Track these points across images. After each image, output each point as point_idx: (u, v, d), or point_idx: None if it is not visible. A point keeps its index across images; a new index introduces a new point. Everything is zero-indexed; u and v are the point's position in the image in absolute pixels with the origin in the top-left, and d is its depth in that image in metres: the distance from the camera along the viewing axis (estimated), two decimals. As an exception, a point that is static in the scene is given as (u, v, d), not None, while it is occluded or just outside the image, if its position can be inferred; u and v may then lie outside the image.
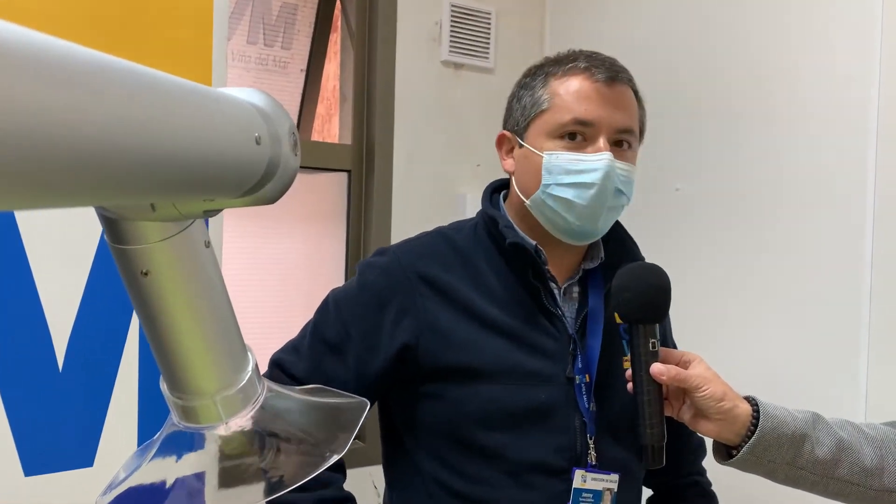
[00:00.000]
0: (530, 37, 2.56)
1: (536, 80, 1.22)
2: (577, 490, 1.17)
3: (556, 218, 1.19)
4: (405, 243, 1.29)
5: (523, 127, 1.22)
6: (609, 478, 1.19)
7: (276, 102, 0.49)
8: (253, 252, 2.19)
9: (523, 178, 1.22)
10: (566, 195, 1.17)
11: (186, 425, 0.60)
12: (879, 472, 1.02)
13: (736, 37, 2.01)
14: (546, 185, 1.17)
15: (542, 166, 1.18)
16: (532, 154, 1.20)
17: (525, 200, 1.21)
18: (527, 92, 1.22)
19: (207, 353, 0.57)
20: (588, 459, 1.18)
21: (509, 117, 1.26)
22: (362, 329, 1.19)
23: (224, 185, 0.43)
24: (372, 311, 1.20)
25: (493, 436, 1.17)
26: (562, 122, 1.17)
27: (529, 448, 1.17)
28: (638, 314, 1.05)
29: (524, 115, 1.21)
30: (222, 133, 0.40)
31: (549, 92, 1.19)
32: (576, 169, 1.16)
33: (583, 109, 1.17)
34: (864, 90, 1.75)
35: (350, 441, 0.65)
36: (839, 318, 1.77)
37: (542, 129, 1.20)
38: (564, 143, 1.18)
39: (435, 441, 1.21)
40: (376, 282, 1.22)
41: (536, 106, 1.20)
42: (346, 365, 1.19)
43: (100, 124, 0.34)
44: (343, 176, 2.31)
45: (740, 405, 1.02)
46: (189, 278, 0.53)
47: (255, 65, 2.35)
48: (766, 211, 1.93)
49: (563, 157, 1.17)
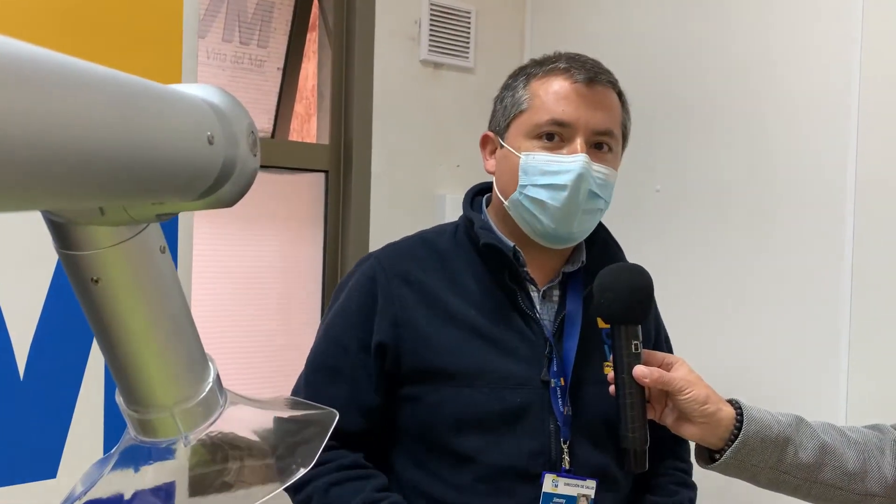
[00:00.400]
0: (510, 37, 2.54)
1: (518, 80, 1.22)
2: (546, 495, 1.15)
3: (532, 220, 1.18)
4: (386, 247, 1.30)
5: (504, 127, 1.22)
6: (585, 484, 1.17)
7: (233, 100, 0.46)
8: (226, 255, 2.15)
9: (502, 178, 1.22)
10: (540, 196, 1.16)
11: (143, 440, 0.57)
12: (862, 475, 1.02)
13: (717, 38, 2.01)
14: (522, 185, 1.17)
15: (518, 167, 1.17)
16: (510, 154, 1.20)
17: (504, 201, 1.20)
18: (508, 93, 1.22)
19: (164, 365, 0.54)
20: (562, 464, 1.17)
21: (492, 118, 1.26)
22: (357, 336, 1.20)
23: (174, 187, 0.41)
24: (364, 318, 1.20)
25: (467, 440, 1.16)
26: (539, 122, 1.17)
27: (503, 452, 1.15)
28: (620, 315, 1.04)
29: (505, 115, 1.22)
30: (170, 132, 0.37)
31: (529, 92, 1.19)
32: (550, 170, 1.15)
33: (560, 110, 1.16)
34: (843, 91, 1.75)
35: (318, 453, 0.62)
36: (820, 319, 1.77)
37: (520, 129, 1.19)
38: (542, 143, 1.17)
39: (411, 445, 1.20)
40: (361, 290, 1.22)
41: (516, 106, 1.20)
42: (349, 381, 1.19)
43: (34, 124, 0.31)
44: (320, 177, 2.28)
45: (724, 408, 1.01)
46: (143, 286, 0.50)
47: (230, 63, 2.31)
48: (745, 212, 1.93)
49: (539, 157, 1.16)
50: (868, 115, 1.72)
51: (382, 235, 2.24)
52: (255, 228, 2.20)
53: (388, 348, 1.18)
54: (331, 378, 1.21)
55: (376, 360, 1.18)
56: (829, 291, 1.75)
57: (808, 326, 1.79)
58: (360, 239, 2.25)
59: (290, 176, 2.27)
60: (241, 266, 2.19)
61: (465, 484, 1.16)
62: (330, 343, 1.23)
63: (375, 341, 1.18)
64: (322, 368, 1.22)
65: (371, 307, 1.20)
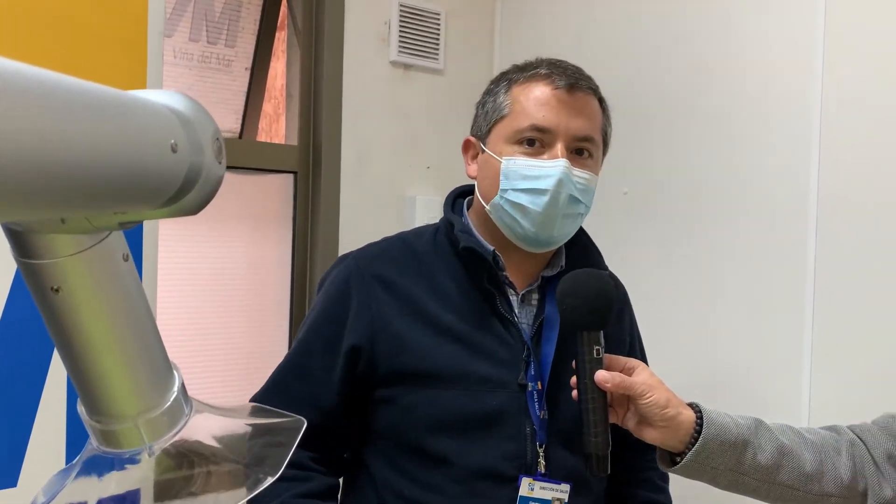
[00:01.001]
0: (480, 39, 2.54)
1: (500, 86, 1.23)
2: (523, 498, 1.16)
3: (513, 224, 1.19)
4: (366, 247, 1.30)
5: (485, 132, 1.22)
6: (559, 487, 1.18)
7: (198, 106, 0.45)
8: (193, 257, 2.12)
9: (484, 182, 1.23)
10: (521, 201, 1.17)
11: (106, 450, 0.56)
12: (819, 476, 1.03)
13: (682, 42, 2.03)
14: (503, 189, 1.18)
15: (500, 171, 1.18)
16: (492, 159, 1.21)
17: (486, 206, 1.20)
18: (490, 98, 1.23)
19: (127, 374, 0.53)
20: (538, 468, 1.17)
21: (474, 123, 1.27)
22: (325, 337, 1.20)
23: (137, 196, 0.40)
24: (333, 320, 1.20)
25: (443, 442, 1.16)
26: (520, 127, 1.18)
27: (479, 455, 1.16)
28: (581, 321, 1.05)
29: (486, 120, 1.22)
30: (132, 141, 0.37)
31: (511, 98, 1.20)
32: (531, 175, 1.17)
33: (541, 116, 1.17)
34: (806, 95, 1.78)
35: (285, 461, 0.62)
36: (784, 323, 1.80)
37: (501, 134, 1.20)
38: (522, 148, 1.18)
39: (387, 447, 1.20)
40: (336, 290, 1.22)
41: (498, 111, 1.21)
42: (312, 381, 1.20)
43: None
44: (289, 177, 2.26)
45: (684, 412, 1.02)
46: (105, 295, 0.49)
47: (197, 63, 2.28)
48: (710, 216, 1.95)
49: (520, 161, 1.17)
50: (830, 120, 1.75)
51: (352, 237, 2.23)
52: (222, 230, 2.17)
53: (363, 351, 1.18)
54: (294, 375, 1.21)
55: (347, 362, 1.18)
56: (792, 295, 1.78)
57: (772, 330, 1.82)
58: (329, 241, 2.23)
59: (258, 177, 2.25)
60: (208, 268, 2.16)
61: (441, 485, 1.16)
62: (300, 341, 1.24)
63: (348, 344, 1.18)
64: (288, 366, 1.23)
65: (344, 310, 1.20)
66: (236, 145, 2.27)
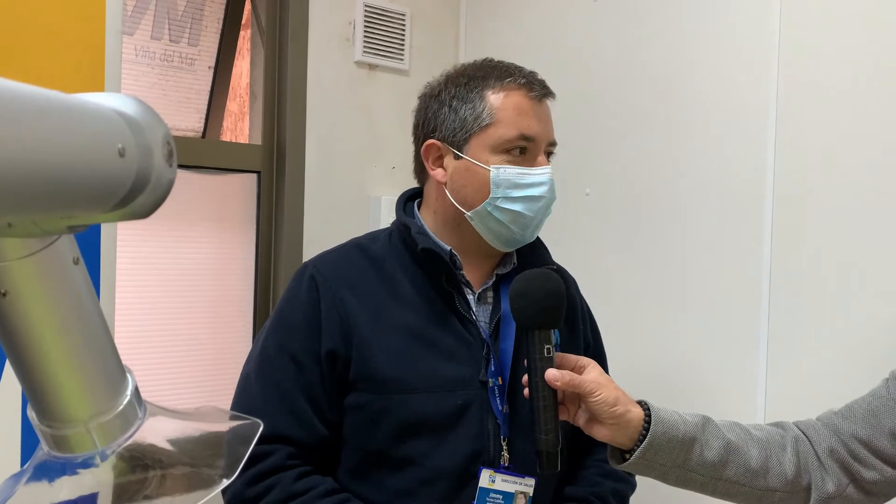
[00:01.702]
0: (445, 39, 2.55)
1: (473, 92, 1.23)
2: (483, 490, 1.17)
3: (501, 229, 1.22)
4: (320, 256, 1.29)
5: (462, 139, 1.22)
6: (523, 481, 1.19)
7: (148, 109, 0.45)
8: (154, 258, 2.10)
9: (463, 190, 1.23)
10: (515, 207, 1.20)
11: (57, 455, 0.56)
12: (764, 472, 1.06)
13: (641, 44, 2.06)
14: (495, 197, 1.20)
15: (489, 180, 1.19)
16: (475, 167, 1.21)
17: (465, 212, 1.21)
18: (462, 104, 1.23)
19: (77, 378, 0.53)
20: (501, 461, 1.19)
21: (438, 126, 1.24)
22: (304, 347, 1.19)
23: (84, 201, 0.40)
24: (310, 327, 1.19)
25: (410, 446, 1.17)
26: (507, 137, 1.20)
27: (445, 455, 1.17)
28: (532, 320, 1.07)
29: (464, 127, 1.22)
30: (77, 146, 0.36)
31: (489, 106, 1.21)
32: (524, 182, 1.20)
33: (526, 125, 1.21)
34: (762, 94, 1.81)
35: (241, 464, 0.62)
36: (739, 320, 1.83)
37: (485, 142, 1.21)
38: (510, 157, 1.21)
39: (352, 455, 1.20)
40: (305, 298, 1.21)
41: (479, 120, 1.21)
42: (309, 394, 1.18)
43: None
44: (252, 177, 2.25)
45: (633, 410, 1.04)
46: (54, 299, 0.49)
47: (159, 61, 2.26)
48: (670, 214, 1.98)
49: (510, 170, 1.20)
50: (785, 121, 1.78)
51: (317, 238, 2.23)
52: (185, 230, 2.15)
53: (339, 355, 1.18)
54: (274, 390, 1.18)
55: (328, 368, 1.18)
56: (748, 294, 1.82)
57: (728, 328, 1.85)
58: (293, 241, 2.22)
59: (221, 177, 2.23)
60: (171, 268, 2.14)
61: (407, 488, 1.17)
62: (273, 355, 1.20)
63: (326, 349, 1.18)
64: (265, 380, 1.20)
65: (316, 316, 1.19)
66: (199, 145, 2.25)
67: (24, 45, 1.10)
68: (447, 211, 1.25)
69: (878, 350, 1.60)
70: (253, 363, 1.23)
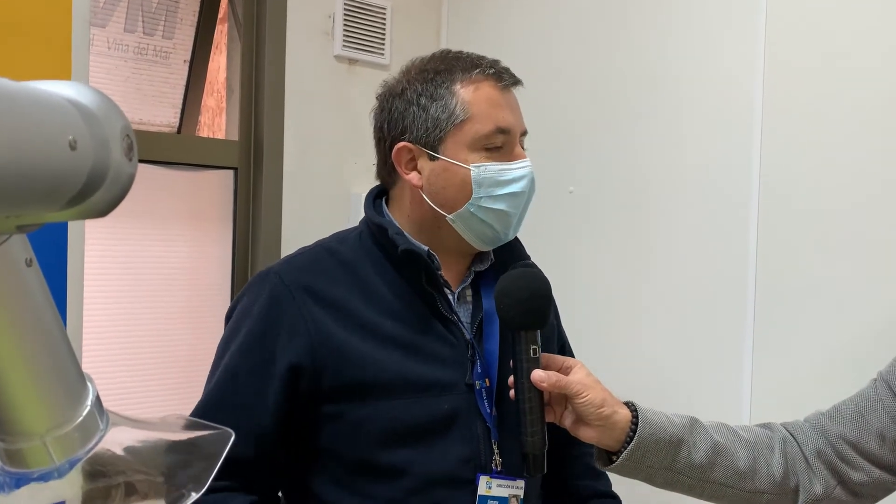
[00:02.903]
0: (426, 33, 2.52)
1: (440, 88, 1.16)
2: (482, 497, 1.14)
3: (484, 228, 1.17)
4: (285, 261, 1.22)
5: (437, 139, 1.16)
6: (515, 484, 1.17)
7: (104, 99, 0.42)
8: (127, 257, 2.04)
9: (443, 192, 1.17)
10: (500, 206, 1.16)
11: (11, 471, 0.52)
12: (752, 474, 1.04)
13: (625, 40, 2.04)
14: (478, 197, 1.15)
15: (470, 180, 1.14)
16: (454, 167, 1.15)
17: (445, 214, 1.16)
18: (431, 102, 1.16)
19: (32, 388, 0.49)
20: (493, 466, 1.16)
21: (407, 127, 1.18)
22: (255, 361, 1.13)
23: (31, 197, 0.36)
24: (263, 342, 1.13)
25: (396, 453, 1.12)
26: (484, 132, 1.15)
27: (434, 461, 1.13)
28: (518, 320, 1.04)
29: (437, 126, 1.16)
30: (21, 136, 0.33)
31: (459, 100, 1.15)
32: (505, 179, 1.16)
33: (500, 117, 1.16)
34: (747, 94, 1.80)
35: (211, 476, 0.58)
36: (725, 319, 1.82)
37: (461, 140, 1.15)
38: (488, 153, 1.16)
39: (333, 466, 1.15)
40: (263, 309, 1.14)
41: (453, 117, 1.15)
42: (244, 409, 1.12)
43: None
44: (229, 174, 2.20)
45: (619, 411, 1.02)
46: (5, 304, 0.45)
47: (133, 54, 2.21)
48: (655, 213, 1.96)
49: (491, 168, 1.15)
50: (772, 117, 1.77)
51: (295, 235, 2.18)
52: (160, 227, 2.10)
53: (305, 369, 1.11)
54: (222, 406, 1.13)
55: (285, 383, 1.11)
56: (733, 294, 1.80)
57: (713, 328, 1.84)
58: (271, 239, 2.18)
59: (197, 173, 2.18)
60: (145, 267, 2.09)
61: (397, 497, 1.13)
62: (226, 369, 1.14)
63: (285, 364, 1.11)
64: (214, 396, 1.14)
65: (276, 330, 1.12)
66: (174, 140, 2.20)
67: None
68: (424, 214, 1.19)
69: (863, 351, 1.59)
70: (211, 377, 1.17)
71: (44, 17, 1.13)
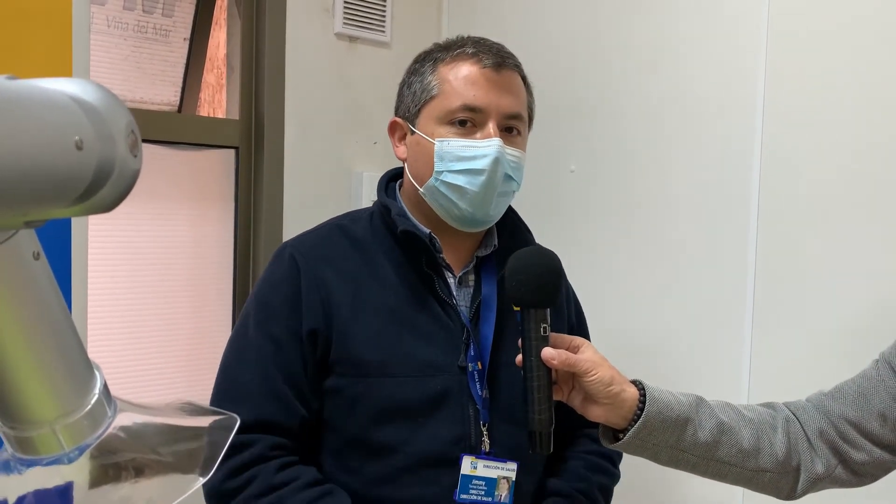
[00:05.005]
0: (427, 11, 2.50)
1: (426, 66, 1.21)
2: (465, 477, 1.16)
3: (450, 205, 1.18)
4: (301, 237, 1.26)
5: (414, 113, 1.21)
6: (505, 466, 1.18)
7: (110, 96, 0.42)
8: (129, 237, 2.05)
9: (416, 165, 1.21)
10: (458, 182, 1.16)
11: (22, 457, 0.53)
12: (755, 452, 1.06)
13: (628, 19, 2.02)
14: (438, 171, 1.17)
15: (433, 153, 1.15)
16: (423, 141, 1.19)
17: (419, 188, 1.19)
18: (416, 78, 1.21)
19: (41, 378, 0.50)
20: (482, 447, 1.17)
21: (400, 104, 1.24)
22: (287, 325, 1.16)
23: (39, 197, 0.37)
24: (290, 306, 1.16)
25: (388, 431, 1.15)
26: (451, 108, 1.17)
27: (425, 441, 1.15)
28: (529, 298, 1.04)
29: (415, 101, 1.20)
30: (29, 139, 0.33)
31: (439, 78, 1.19)
32: (467, 155, 1.16)
33: (471, 95, 1.16)
34: (750, 71, 1.79)
35: (217, 460, 0.60)
36: (725, 300, 1.83)
37: (431, 115, 1.19)
38: (455, 129, 1.17)
39: (332, 440, 1.18)
40: (283, 279, 1.18)
41: (426, 92, 1.19)
42: (287, 374, 1.15)
43: None
44: (230, 153, 2.20)
45: (628, 389, 1.03)
46: (13, 296, 0.46)
47: (132, 33, 2.19)
48: (656, 192, 1.96)
49: (454, 143, 1.16)
50: (773, 97, 1.77)
51: (297, 215, 2.19)
52: (161, 207, 2.11)
53: (320, 335, 1.15)
54: (256, 373, 1.15)
55: (309, 347, 1.15)
56: (734, 275, 1.81)
57: (713, 309, 1.85)
58: (273, 218, 2.18)
59: (198, 152, 2.18)
60: (147, 247, 2.09)
61: (386, 475, 1.15)
62: (253, 337, 1.17)
63: (307, 329, 1.15)
64: (248, 361, 1.17)
65: (296, 295, 1.16)
66: (175, 120, 2.19)
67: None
68: (410, 189, 1.24)
69: (862, 333, 1.60)
70: (233, 346, 1.20)
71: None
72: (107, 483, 0.58)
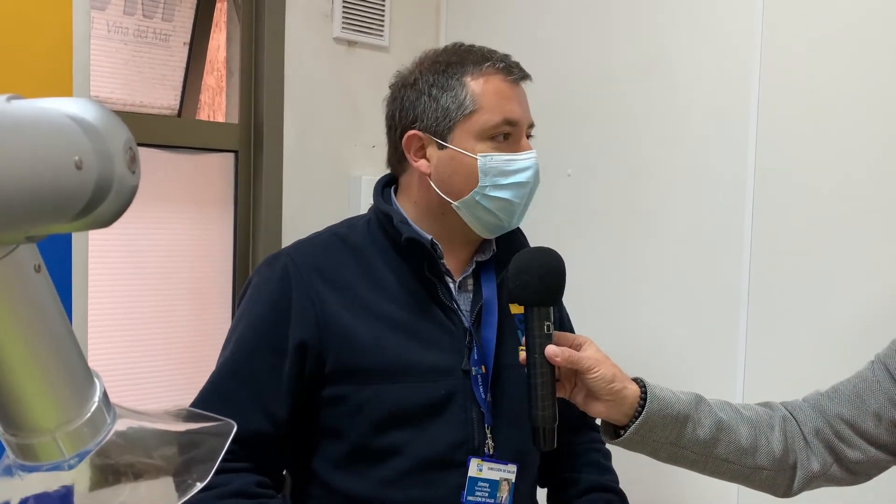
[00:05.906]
0: (425, 16, 2.51)
1: (451, 79, 1.20)
2: (472, 479, 1.17)
3: (489, 217, 1.21)
4: (297, 244, 1.26)
5: (446, 129, 1.20)
6: (506, 468, 1.20)
7: (108, 114, 0.43)
8: (129, 241, 2.06)
9: (450, 180, 1.21)
10: (504, 195, 1.19)
11: (23, 464, 0.55)
12: (753, 450, 1.07)
13: (624, 22, 2.03)
14: (483, 186, 1.19)
15: (476, 168, 1.18)
16: (461, 156, 1.19)
17: (451, 202, 1.19)
18: (444, 93, 1.20)
19: (42, 387, 0.51)
20: (485, 449, 1.19)
21: (418, 116, 1.21)
22: (270, 337, 1.16)
23: (39, 216, 0.38)
24: (276, 318, 1.16)
25: (393, 436, 1.16)
26: (492, 123, 1.19)
27: (428, 444, 1.16)
28: (533, 297, 1.06)
29: (448, 116, 1.19)
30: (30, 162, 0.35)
31: (471, 93, 1.19)
32: (510, 169, 1.19)
33: (509, 110, 1.20)
34: (744, 76, 1.80)
35: (214, 467, 0.61)
36: (720, 301, 1.84)
37: (470, 130, 1.19)
38: (495, 143, 1.20)
39: (333, 447, 1.19)
40: (275, 288, 1.18)
41: (462, 108, 1.19)
42: (259, 384, 1.15)
43: None
44: (230, 157, 2.21)
45: (629, 386, 1.05)
46: (15, 309, 0.47)
47: (133, 37, 2.21)
48: (652, 196, 1.97)
49: (497, 158, 1.19)
50: (767, 101, 1.78)
51: (295, 218, 2.20)
52: (161, 211, 2.12)
53: (311, 348, 1.15)
54: (237, 380, 1.16)
55: (295, 362, 1.15)
56: (728, 277, 1.82)
57: (708, 310, 1.86)
58: (272, 222, 2.20)
59: (197, 156, 2.19)
60: (147, 251, 2.11)
61: (391, 478, 1.16)
62: (240, 343, 1.18)
63: (295, 342, 1.15)
64: (229, 370, 1.18)
65: (285, 308, 1.16)
66: (175, 124, 2.21)
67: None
68: (431, 201, 1.23)
69: (856, 334, 1.61)
70: (222, 353, 1.21)
71: (43, 7, 1.14)
72: (104, 488, 0.59)
